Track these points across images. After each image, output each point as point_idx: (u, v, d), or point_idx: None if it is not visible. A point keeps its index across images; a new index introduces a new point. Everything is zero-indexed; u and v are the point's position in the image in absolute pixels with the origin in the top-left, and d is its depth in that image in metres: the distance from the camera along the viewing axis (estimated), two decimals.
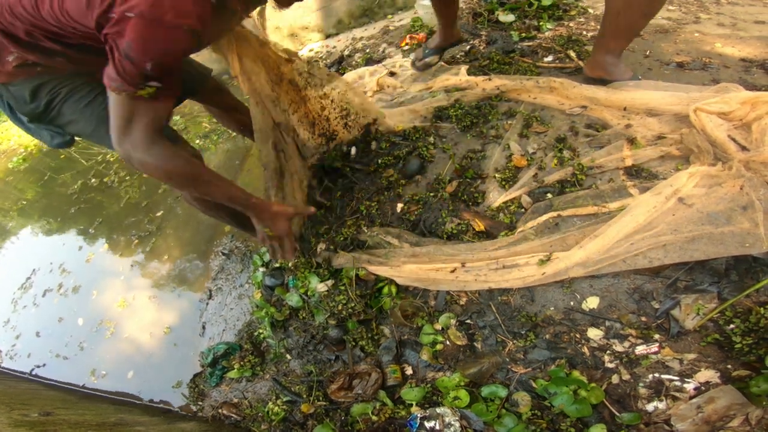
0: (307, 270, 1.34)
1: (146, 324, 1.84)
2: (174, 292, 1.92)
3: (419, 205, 1.33)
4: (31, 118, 1.07)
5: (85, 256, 2.34)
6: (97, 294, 2.06)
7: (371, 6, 2.94)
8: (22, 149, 4.39)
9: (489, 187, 1.29)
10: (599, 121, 1.34)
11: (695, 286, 0.96)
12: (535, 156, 1.31)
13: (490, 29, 2.08)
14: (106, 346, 1.85)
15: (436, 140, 1.49)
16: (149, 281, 2.02)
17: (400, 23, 2.74)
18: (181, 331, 1.74)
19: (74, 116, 1.05)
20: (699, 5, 2.02)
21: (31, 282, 2.41)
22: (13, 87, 1.00)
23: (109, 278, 2.13)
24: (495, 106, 1.53)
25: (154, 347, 1.76)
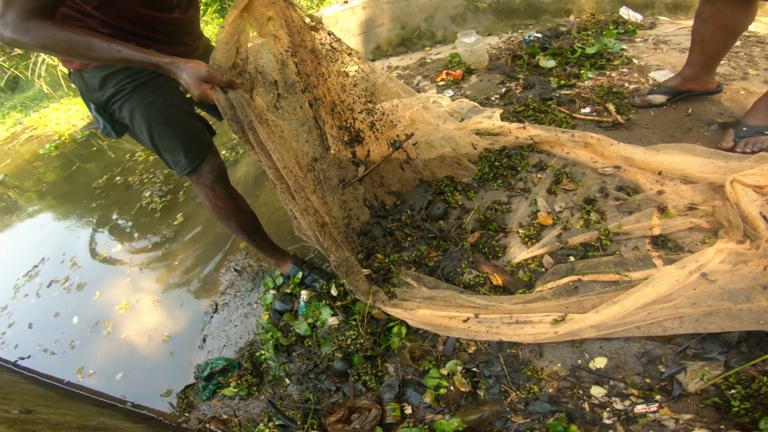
0: (320, 302, 1.43)
1: (146, 328, 1.93)
2: (179, 301, 2.00)
3: (439, 251, 1.42)
4: (97, 106, 1.20)
5: (99, 253, 2.52)
6: (99, 294, 2.20)
7: (411, 36, 3.13)
8: (57, 137, 4.79)
9: (511, 242, 1.38)
10: (631, 184, 1.41)
11: (704, 354, 1.02)
12: (561, 215, 1.38)
13: (528, 73, 2.19)
14: (98, 346, 1.94)
15: (463, 186, 1.59)
16: (156, 286, 2.13)
17: (437, 56, 2.89)
18: (180, 340, 1.81)
19: (129, 116, 1.17)
20: (749, 59, 2.05)
21: (38, 270, 2.60)
22: (86, 73, 1.13)
23: (116, 279, 2.26)
24: (526, 157, 1.62)
25: (149, 352, 1.82)
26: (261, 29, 1.22)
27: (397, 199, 1.64)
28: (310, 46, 1.37)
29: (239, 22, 1.11)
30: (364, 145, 1.58)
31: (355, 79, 1.49)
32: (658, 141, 1.56)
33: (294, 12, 1.30)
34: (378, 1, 3.08)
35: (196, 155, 1.24)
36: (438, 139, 1.64)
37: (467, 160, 1.65)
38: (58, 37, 0.92)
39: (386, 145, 1.59)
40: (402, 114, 2.00)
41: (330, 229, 1.23)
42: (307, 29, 1.34)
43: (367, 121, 1.55)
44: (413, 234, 1.50)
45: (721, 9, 1.42)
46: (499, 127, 1.70)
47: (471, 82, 2.38)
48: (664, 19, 2.64)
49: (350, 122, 1.52)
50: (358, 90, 1.51)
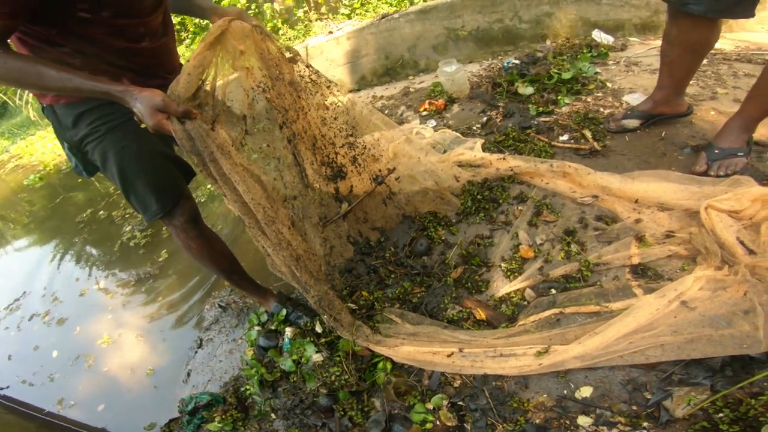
0: (305, 339, 1.45)
1: (129, 362, 1.95)
2: (163, 336, 2.03)
3: (423, 287, 1.44)
4: (70, 145, 1.18)
5: (80, 288, 2.54)
6: (80, 330, 2.24)
7: (394, 66, 3.23)
8: (42, 167, 4.83)
9: (494, 276, 1.40)
10: (610, 213, 1.45)
11: (689, 380, 1.04)
12: (542, 247, 1.41)
13: (508, 101, 2.26)
14: (80, 378, 1.97)
15: (446, 221, 1.62)
16: (140, 322, 2.16)
17: (420, 85, 2.98)
18: (164, 374, 1.83)
19: (101, 159, 1.16)
20: (716, 78, 2.11)
21: (19, 304, 2.64)
22: (59, 110, 1.11)
23: (98, 314, 2.29)
24: (507, 188, 1.67)
25: (132, 385, 1.84)
26: (234, 62, 1.22)
27: (381, 236, 1.67)
28: (288, 79, 1.37)
29: (207, 54, 1.11)
30: (347, 181, 1.61)
31: (335, 112, 1.50)
32: (634, 167, 1.61)
33: (271, 44, 1.30)
34: (362, 31, 3.17)
35: (168, 202, 1.24)
36: (421, 173, 1.68)
37: (450, 194, 1.69)
38: (8, 66, 0.90)
39: (369, 180, 1.62)
40: (385, 147, 2.04)
41: (306, 262, 1.22)
42: (285, 61, 1.35)
43: (349, 155, 1.58)
44: (397, 271, 1.52)
45: (686, 30, 1.47)
46: (481, 159, 1.75)
47: (453, 112, 2.45)
48: (634, 41, 2.74)
49: (332, 157, 1.54)
50: (339, 123, 1.51)
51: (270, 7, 4.09)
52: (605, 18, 2.72)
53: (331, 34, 3.31)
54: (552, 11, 2.75)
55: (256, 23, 1.24)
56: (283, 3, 4.06)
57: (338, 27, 3.41)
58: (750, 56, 2.29)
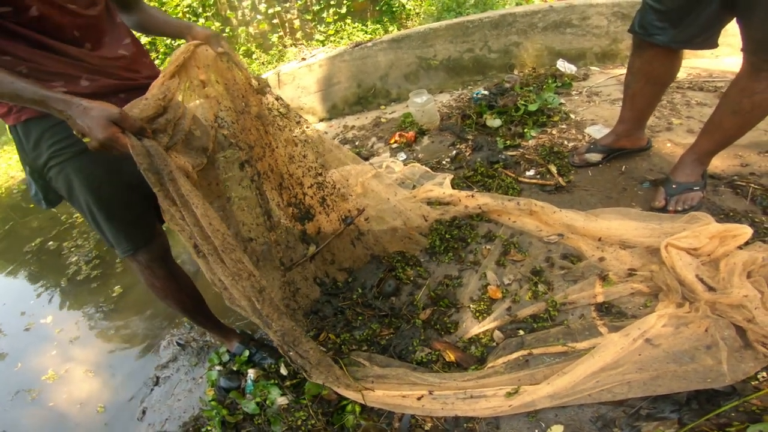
0: (269, 381, 1.44)
1: (77, 398, 1.90)
2: (115, 372, 1.99)
3: (391, 329, 1.45)
4: (32, 169, 1.09)
5: (26, 323, 2.47)
6: (21, 366, 2.19)
7: (366, 95, 3.29)
8: None
9: (463, 317, 1.42)
10: (575, 251, 1.50)
11: (657, 414, 1.07)
12: (510, 287, 1.45)
13: (477, 133, 2.34)
14: (22, 412, 1.93)
15: (414, 261, 1.65)
16: (90, 357, 2.11)
17: (391, 115, 3.05)
18: (116, 411, 1.78)
19: (66, 188, 1.08)
20: (671, 108, 2.23)
21: None
22: (21, 128, 1.03)
23: (43, 349, 2.23)
24: (475, 227, 1.71)
25: (81, 421, 1.79)
26: (198, 91, 1.19)
27: (348, 276, 1.67)
28: (255, 112, 1.31)
29: (170, 84, 1.06)
30: (315, 222, 1.61)
31: (304, 149, 1.47)
32: (597, 203, 1.68)
33: (238, 73, 1.24)
34: (335, 59, 3.22)
35: (139, 239, 1.20)
36: (389, 212, 1.71)
37: (418, 234, 1.72)
38: None
39: (338, 220, 1.63)
40: (354, 183, 2.06)
41: (270, 294, 1.16)
42: (252, 92, 1.29)
43: (318, 196, 1.57)
44: (365, 312, 1.53)
45: (650, 60, 1.55)
46: (450, 196, 1.80)
47: (423, 144, 2.51)
48: (595, 69, 2.89)
49: (300, 198, 1.52)
50: (308, 162, 1.49)
51: (245, 31, 4.13)
52: (568, 47, 2.87)
53: (304, 60, 3.37)
54: (520, 41, 2.88)
55: (222, 50, 1.19)
56: (258, 27, 4.10)
57: (311, 54, 3.48)
58: (701, 84, 2.45)
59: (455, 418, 1.20)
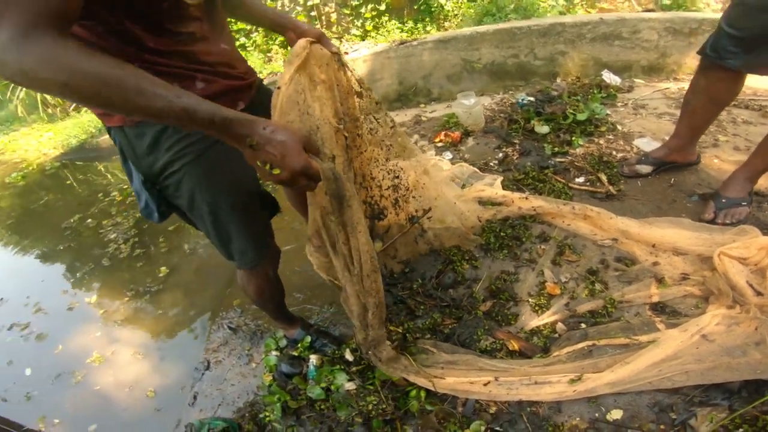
0: (334, 367, 1.55)
1: (125, 381, 1.94)
2: (164, 356, 2.04)
3: (453, 319, 1.61)
4: (145, 177, 0.98)
5: (68, 302, 2.53)
6: (62, 348, 2.23)
7: (407, 92, 3.48)
8: (25, 165, 4.86)
9: (522, 310, 1.60)
10: (629, 256, 1.68)
11: (710, 401, 1.25)
12: (567, 285, 1.63)
13: (523, 138, 2.52)
14: (65, 395, 1.96)
15: (469, 255, 1.83)
16: (137, 339, 2.17)
17: (432, 114, 3.23)
18: (167, 395, 1.83)
19: (188, 198, 0.98)
20: (718, 125, 2.41)
21: None
22: (130, 130, 0.91)
23: (87, 331, 2.28)
24: (529, 227, 1.89)
25: (130, 406, 1.84)
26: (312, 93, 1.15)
27: (405, 267, 1.83)
28: (352, 114, 1.35)
29: (298, 79, 1.04)
30: (385, 221, 1.75)
31: (388, 153, 1.53)
32: (648, 212, 1.86)
33: (343, 75, 1.26)
34: (379, 55, 3.38)
35: (264, 247, 1.19)
36: (448, 212, 1.86)
37: (472, 233, 1.89)
38: (86, 68, 0.63)
39: (405, 219, 1.78)
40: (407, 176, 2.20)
41: (383, 308, 1.28)
42: (352, 95, 1.30)
43: (392, 197, 1.68)
44: (426, 302, 1.69)
45: (715, 82, 1.70)
46: (502, 196, 1.97)
47: (468, 145, 2.69)
48: (640, 82, 3.08)
49: (376, 199, 1.62)
50: (389, 165, 1.59)
51: None
52: (615, 59, 3.06)
53: (347, 54, 3.54)
54: (566, 50, 3.07)
55: (336, 49, 1.19)
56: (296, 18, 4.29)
57: (353, 48, 3.65)
58: (747, 102, 2.64)
59: (519, 402, 1.37)
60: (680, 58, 3.01)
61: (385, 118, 1.47)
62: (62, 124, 5.40)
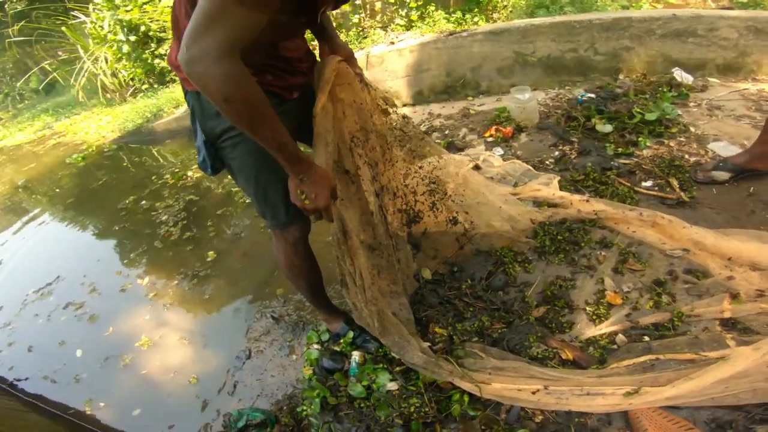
0: (377, 365, 1.54)
1: (170, 366, 2.01)
2: (208, 342, 2.10)
3: (502, 323, 1.58)
4: (207, 137, 1.18)
5: (121, 283, 2.63)
6: (113, 330, 2.32)
7: (455, 84, 3.44)
8: (85, 146, 5.18)
9: (577, 319, 1.55)
10: (700, 268, 1.60)
11: None
12: (629, 295, 1.57)
13: (582, 136, 2.43)
14: (112, 379, 2.04)
15: (522, 258, 1.78)
16: (183, 324, 2.24)
17: (480, 108, 3.18)
18: (208, 383, 1.88)
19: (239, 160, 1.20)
20: None
21: (51, 289, 2.75)
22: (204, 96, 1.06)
23: (136, 313, 2.37)
24: (589, 232, 1.82)
25: (173, 391, 1.89)
26: (335, 112, 1.33)
27: (453, 267, 1.82)
28: (379, 130, 1.47)
29: (327, 105, 1.23)
30: (421, 224, 1.78)
31: (422, 162, 1.65)
32: (723, 223, 1.75)
33: (368, 94, 1.39)
34: (426, 45, 3.36)
35: (297, 213, 1.28)
36: (495, 215, 1.83)
37: (525, 237, 1.85)
38: (250, 93, 0.90)
39: (445, 221, 1.80)
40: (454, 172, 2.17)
41: (381, 319, 1.42)
42: (378, 112, 1.44)
43: (429, 201, 1.74)
44: (474, 304, 1.66)
45: None
46: (560, 198, 1.92)
47: (521, 141, 2.63)
48: (714, 81, 2.89)
49: (411, 204, 1.70)
50: (423, 172, 1.68)
51: None
52: (688, 56, 2.89)
53: (393, 44, 3.54)
54: (632, 46, 2.93)
55: (360, 70, 1.34)
56: (341, 7, 4.32)
57: (399, 38, 3.64)
58: None
59: (568, 412, 1.33)
60: (761, 57, 2.81)
61: (414, 130, 1.59)
62: (120, 109, 5.71)
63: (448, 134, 2.95)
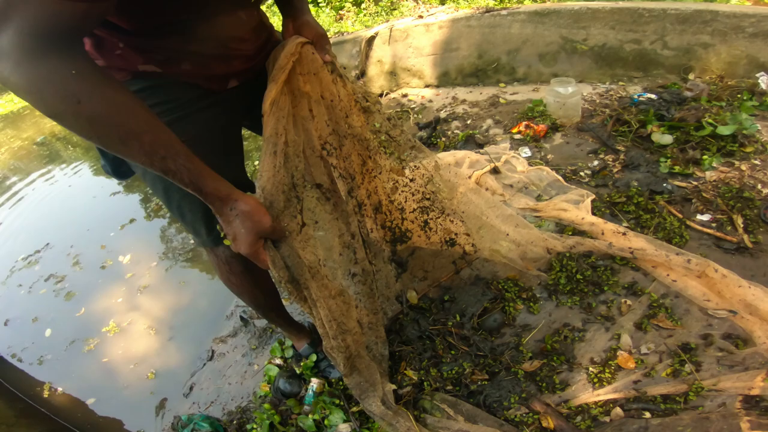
0: (333, 399, 1.39)
1: (132, 357, 1.99)
2: (174, 335, 2.05)
3: (484, 373, 1.34)
4: None
5: (104, 259, 2.61)
6: (85, 312, 2.29)
7: (486, 68, 3.13)
8: None
9: (575, 378, 1.29)
10: (743, 335, 1.28)
11: None
12: (646, 358, 1.28)
13: (631, 145, 2.08)
14: (74, 364, 2.02)
15: (528, 295, 1.51)
16: (153, 311, 2.19)
17: (512, 97, 2.87)
18: (166, 380, 1.85)
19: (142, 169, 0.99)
20: None
21: (39, 257, 2.78)
22: None
23: (111, 295, 2.35)
24: (616, 273, 1.52)
25: (130, 384, 1.88)
26: (299, 110, 1.08)
27: (444, 294, 1.58)
28: (358, 134, 1.23)
29: (281, 101, 0.98)
30: (410, 244, 1.55)
31: (413, 173, 1.40)
32: None
33: (343, 88, 1.15)
34: (458, 22, 3.08)
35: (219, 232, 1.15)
36: (501, 237, 1.55)
37: (536, 269, 1.57)
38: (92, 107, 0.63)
39: (439, 242, 1.55)
40: (467, 173, 1.88)
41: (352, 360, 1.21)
42: (357, 111, 1.21)
43: (420, 219, 1.50)
44: (458, 346, 1.42)
45: None
46: (590, 224, 1.62)
47: (554, 143, 2.30)
48: None
49: (397, 222, 1.47)
50: (415, 186, 1.43)
51: None
52: None
53: (421, 18, 3.26)
54: (712, 43, 2.47)
55: (330, 58, 1.09)
56: None
57: (430, 11, 3.36)
58: None
59: None
60: None
61: (403, 137, 1.34)
62: None
63: (470, 125, 2.66)
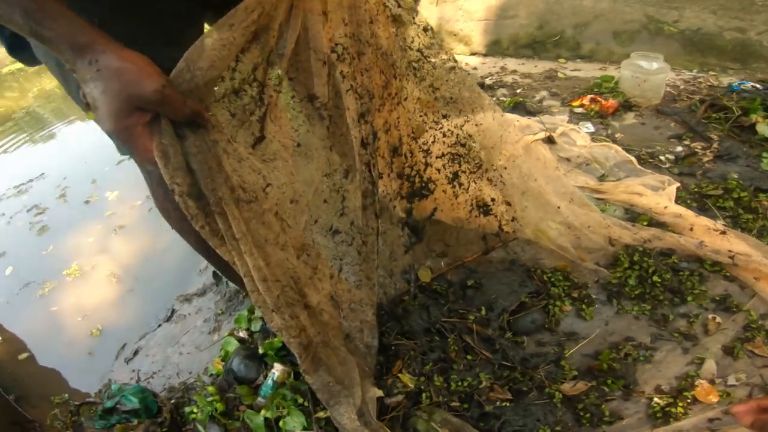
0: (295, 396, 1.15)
1: (82, 308, 1.88)
2: (135, 287, 1.95)
3: (506, 390, 1.05)
4: None
5: (90, 194, 2.56)
6: (51, 248, 2.21)
7: (545, 40, 2.90)
8: None
9: (631, 408, 1.04)
10: None
11: None
12: (733, 392, 1.04)
13: (727, 135, 1.78)
14: (22, 310, 1.95)
15: (582, 295, 1.22)
16: (122, 256, 2.11)
17: (573, 73, 2.63)
18: (109, 341, 1.73)
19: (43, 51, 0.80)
20: None
21: (29, 186, 2.76)
22: None
23: (83, 232, 2.27)
24: (705, 280, 1.25)
25: (72, 340, 1.78)
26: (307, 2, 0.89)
27: (468, 278, 1.27)
28: (384, 46, 1.04)
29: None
30: (429, 201, 1.29)
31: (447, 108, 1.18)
32: None
33: None
34: None
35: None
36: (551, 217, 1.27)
37: (593, 263, 1.30)
38: None
39: (466, 207, 1.30)
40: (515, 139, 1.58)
41: (314, 349, 0.97)
42: (385, 18, 1.03)
43: (448, 170, 1.27)
44: (478, 350, 1.11)
45: None
46: (674, 215, 1.34)
47: (625, 122, 2.01)
48: None
49: (418, 168, 1.24)
50: (448, 125, 1.21)
51: None
52: None
53: None
54: None
55: None
56: None
57: None
58: None
59: None
60: None
61: (441, 58, 1.15)
62: None
63: (520, 93, 2.40)
